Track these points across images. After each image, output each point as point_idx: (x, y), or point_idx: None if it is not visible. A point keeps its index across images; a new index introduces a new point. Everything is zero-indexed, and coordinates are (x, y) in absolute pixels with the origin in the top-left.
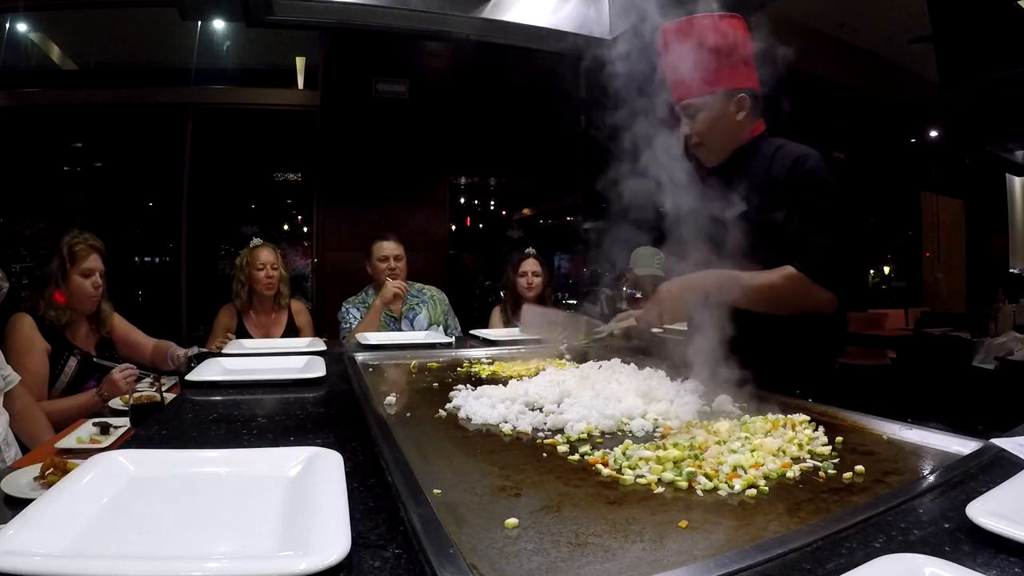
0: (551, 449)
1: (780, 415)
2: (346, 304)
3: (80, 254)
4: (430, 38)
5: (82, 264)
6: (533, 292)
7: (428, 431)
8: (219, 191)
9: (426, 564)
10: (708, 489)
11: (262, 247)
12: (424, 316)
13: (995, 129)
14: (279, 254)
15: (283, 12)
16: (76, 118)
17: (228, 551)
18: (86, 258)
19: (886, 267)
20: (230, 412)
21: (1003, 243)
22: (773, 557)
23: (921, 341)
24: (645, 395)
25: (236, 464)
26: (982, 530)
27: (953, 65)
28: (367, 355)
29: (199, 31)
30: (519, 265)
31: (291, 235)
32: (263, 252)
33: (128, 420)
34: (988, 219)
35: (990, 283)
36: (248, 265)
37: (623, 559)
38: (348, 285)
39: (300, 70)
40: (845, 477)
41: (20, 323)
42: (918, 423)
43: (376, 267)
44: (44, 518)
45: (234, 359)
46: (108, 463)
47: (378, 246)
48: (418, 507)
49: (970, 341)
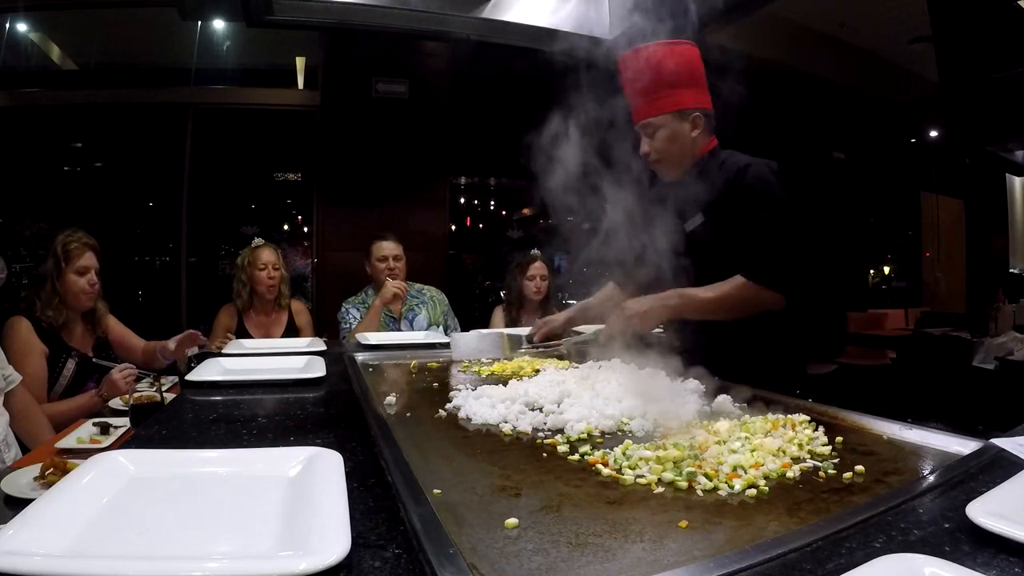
0: (551, 449)
1: (780, 415)
2: (346, 304)
3: (74, 252)
4: (430, 38)
5: (77, 262)
6: (540, 296)
7: (428, 431)
8: (219, 191)
9: (426, 564)
10: (708, 489)
11: (263, 247)
12: (424, 316)
13: (995, 129)
14: (280, 254)
15: (283, 12)
16: (76, 118)
17: (228, 551)
18: (80, 256)
19: (886, 267)
20: (230, 412)
21: (1003, 243)
22: (773, 557)
23: (921, 341)
24: (645, 395)
25: (236, 464)
26: (982, 530)
27: (953, 65)
28: (367, 355)
29: (199, 31)
30: (526, 268)
31: (291, 235)
32: (264, 252)
33: (128, 420)
34: (988, 219)
35: (990, 283)
36: (249, 265)
37: (623, 559)
38: (348, 285)
39: (300, 70)
40: (845, 477)
41: (17, 326)
42: (918, 423)
43: (375, 267)
44: (44, 518)
45: (234, 359)
46: (108, 463)
47: (377, 246)
48: (418, 507)
49: (970, 341)
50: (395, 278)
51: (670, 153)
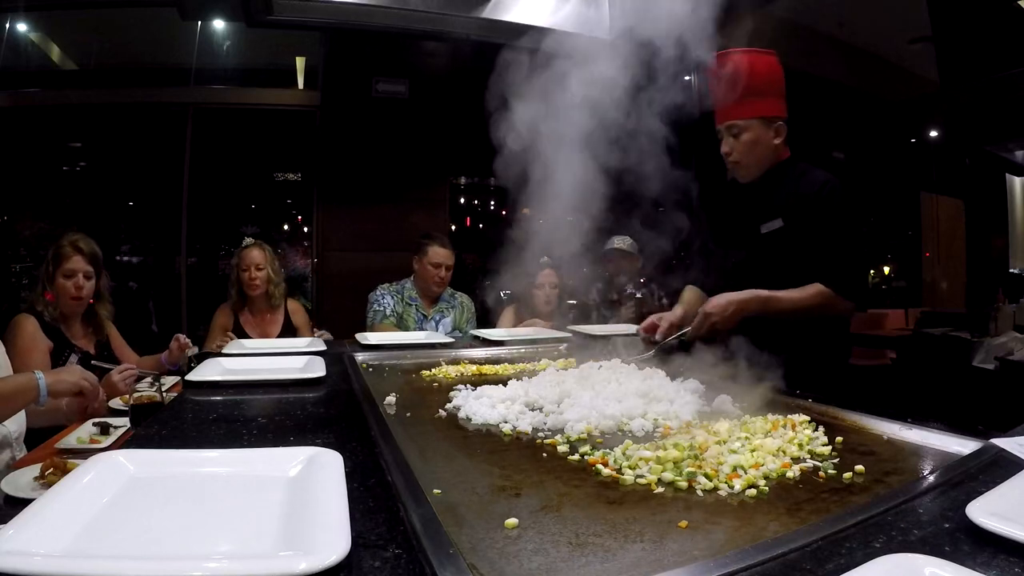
0: (551, 449)
1: (780, 415)
2: (381, 289)
3: (63, 255)
4: (430, 38)
5: (65, 265)
6: (551, 307)
7: (428, 431)
8: (219, 191)
9: (426, 564)
10: (708, 489)
11: (251, 247)
12: (450, 320)
13: (995, 129)
14: (270, 254)
15: (283, 12)
16: (76, 118)
17: (228, 551)
18: (69, 259)
19: (886, 267)
20: (230, 412)
21: (1003, 243)
22: (773, 557)
23: (921, 341)
24: (645, 395)
25: (236, 464)
26: (982, 530)
27: (953, 65)
28: (367, 355)
29: (199, 31)
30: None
31: (291, 235)
32: (251, 253)
33: (128, 420)
34: (988, 219)
35: (990, 283)
36: (236, 266)
37: (623, 559)
38: (348, 285)
39: (300, 70)
40: (845, 477)
41: (24, 324)
42: (918, 423)
43: (427, 270)
44: (44, 518)
45: (234, 359)
46: (108, 463)
47: (435, 251)
48: (418, 507)
49: (970, 341)
50: (443, 285)
51: (751, 156)
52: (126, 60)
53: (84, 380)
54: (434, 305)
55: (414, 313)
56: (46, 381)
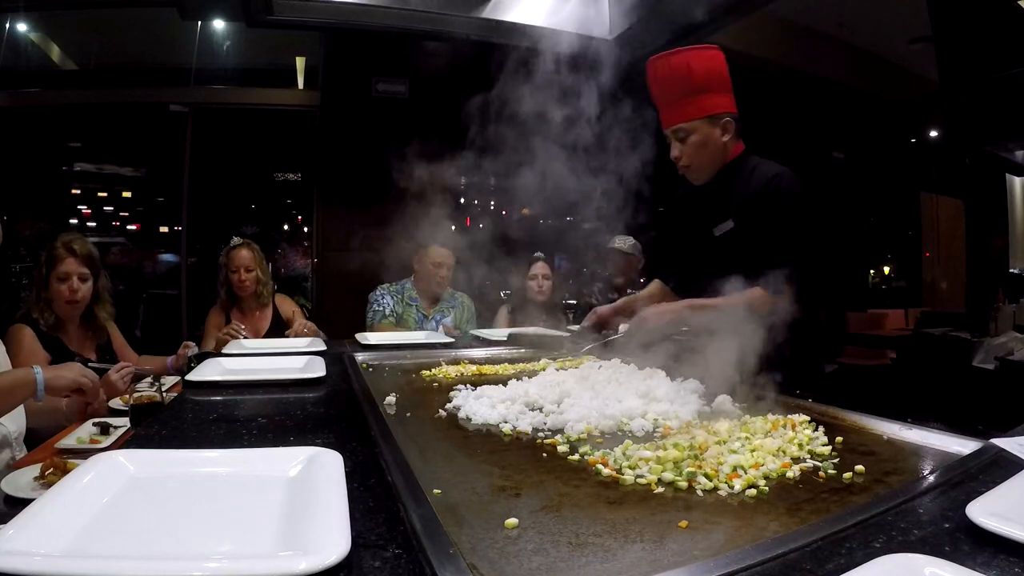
0: (551, 449)
1: (780, 415)
2: (381, 289)
3: (56, 258)
4: (430, 38)
5: (58, 268)
6: (544, 296)
7: (428, 431)
8: (219, 191)
9: (426, 564)
10: (708, 489)
11: (240, 247)
12: (450, 320)
13: (995, 129)
14: (258, 253)
15: (283, 12)
16: (76, 118)
17: (228, 551)
18: (62, 261)
19: (886, 267)
20: (230, 412)
21: (1003, 243)
22: (773, 557)
23: (921, 341)
24: (645, 395)
25: (236, 464)
26: (982, 530)
27: (953, 65)
28: (367, 355)
29: (199, 31)
30: (528, 268)
31: (291, 235)
32: (240, 254)
33: (128, 420)
34: (988, 219)
35: (990, 283)
36: (224, 267)
37: (623, 559)
38: (348, 285)
39: (300, 70)
40: (845, 477)
41: (20, 335)
42: (918, 423)
43: (429, 270)
44: (44, 518)
45: (234, 359)
46: (108, 463)
47: (435, 251)
48: (418, 507)
49: (970, 341)
50: (441, 285)
51: (701, 158)
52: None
53: (83, 377)
54: (434, 305)
55: (414, 313)
56: (44, 376)
